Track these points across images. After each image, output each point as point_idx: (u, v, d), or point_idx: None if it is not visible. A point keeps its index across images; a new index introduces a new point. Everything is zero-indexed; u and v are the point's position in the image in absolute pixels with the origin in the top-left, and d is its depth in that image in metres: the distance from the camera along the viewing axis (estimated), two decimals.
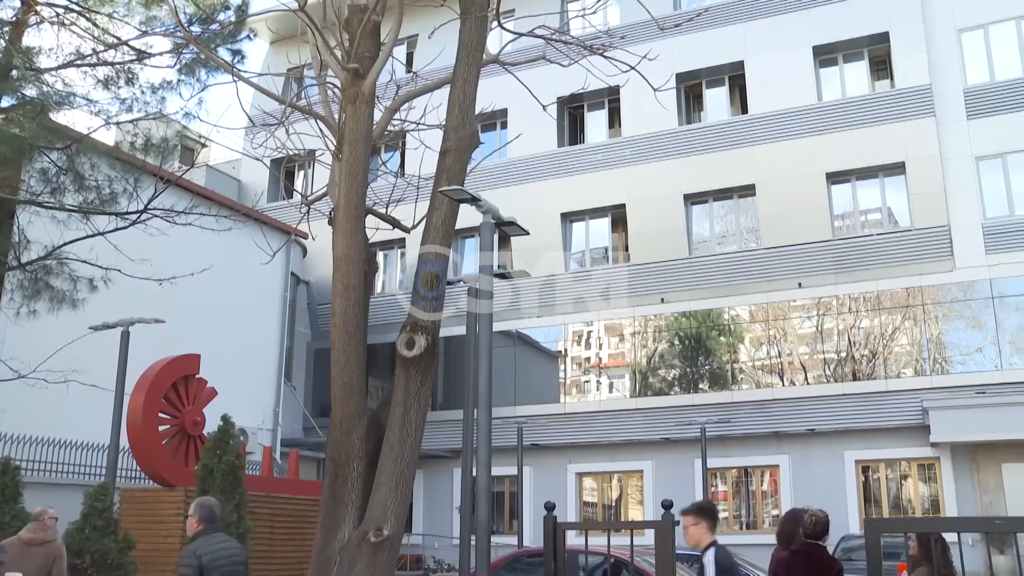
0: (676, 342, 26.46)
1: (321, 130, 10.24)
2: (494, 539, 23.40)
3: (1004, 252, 23.19)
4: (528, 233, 10.22)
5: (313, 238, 16.51)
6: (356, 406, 8.64)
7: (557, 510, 7.11)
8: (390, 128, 10.84)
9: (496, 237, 9.86)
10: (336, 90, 9.77)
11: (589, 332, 27.94)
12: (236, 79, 11.11)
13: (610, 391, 27.43)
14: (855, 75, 26.15)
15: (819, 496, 21.91)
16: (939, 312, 24.07)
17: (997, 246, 23.31)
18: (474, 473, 9.78)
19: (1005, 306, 23.27)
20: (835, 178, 25.13)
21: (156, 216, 15.18)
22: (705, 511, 7.16)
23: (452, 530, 25.60)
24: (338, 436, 8.58)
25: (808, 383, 24.93)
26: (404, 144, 24.69)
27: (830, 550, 19.23)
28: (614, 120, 28.40)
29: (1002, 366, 23.12)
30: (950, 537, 7.35)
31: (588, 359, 28.01)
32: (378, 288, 30.39)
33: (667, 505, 6.89)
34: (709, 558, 6.80)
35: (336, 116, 9.80)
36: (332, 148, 9.65)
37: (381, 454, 8.43)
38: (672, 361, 26.42)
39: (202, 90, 15.36)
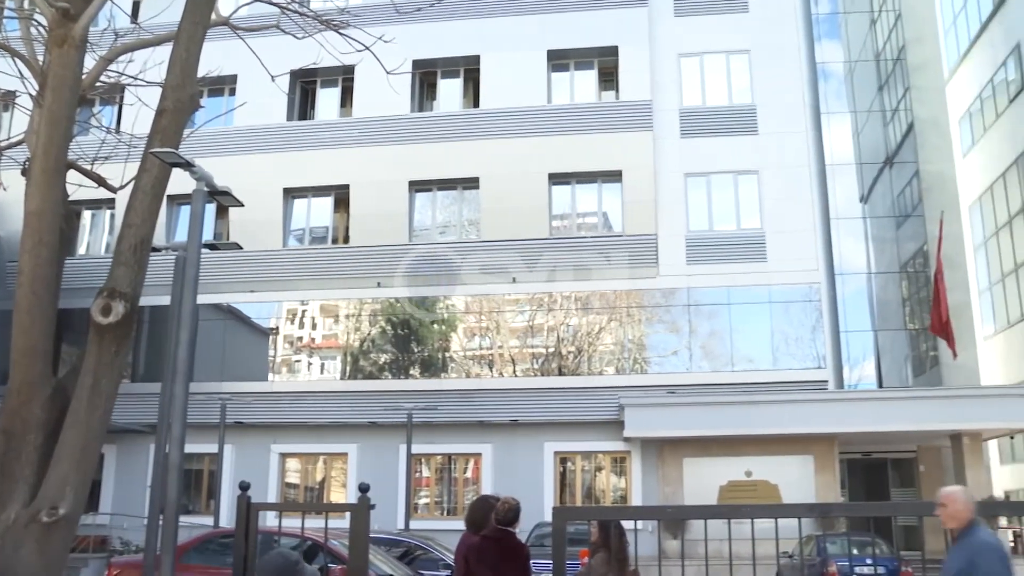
0: (389, 327, 26.50)
1: (20, 70, 9.36)
2: (189, 519, 22.43)
3: (702, 263, 25.03)
4: (242, 205, 9.82)
5: (5, 188, 15.14)
6: (40, 372, 7.94)
7: (259, 491, 6.87)
8: (105, 79, 10.08)
9: (215, 207, 9.40)
10: (42, 28, 8.95)
11: (304, 311, 27.40)
12: None
13: (321, 372, 27.06)
14: (584, 83, 27.26)
15: (519, 484, 22.66)
16: (642, 315, 25.55)
17: (697, 258, 25.09)
18: (167, 449, 9.28)
19: (699, 313, 25.11)
20: (556, 179, 26.07)
21: None
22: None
23: (144, 510, 24.30)
24: (15, 404, 7.85)
25: (516, 375, 25.74)
26: (122, 99, 23.19)
27: (525, 536, 19.91)
28: (347, 99, 28.01)
29: (692, 369, 24.96)
30: (629, 524, 7.74)
31: (301, 338, 27.48)
32: (81, 249, 28.36)
33: (364, 488, 6.81)
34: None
35: (40, 58, 8.98)
36: (33, 92, 8.83)
37: (64, 425, 7.78)
38: (384, 346, 26.43)
39: None
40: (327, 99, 28.34)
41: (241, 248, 17.70)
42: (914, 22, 30.98)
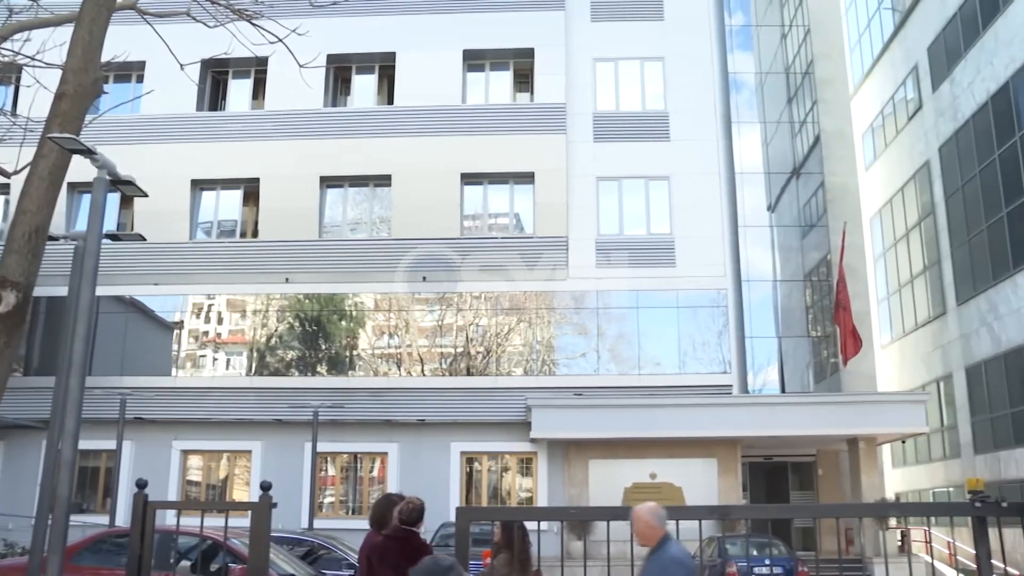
0: (297, 324, 26.14)
1: None
2: (84, 519, 21.83)
3: (612, 267, 25.27)
4: (147, 195, 9.55)
5: None
6: None
7: (159, 489, 6.69)
8: None
9: (119, 197, 9.12)
10: None
11: (210, 305, 26.87)
12: None
13: (226, 368, 26.55)
14: (500, 84, 27.29)
15: (425, 484, 22.60)
16: (551, 317, 25.68)
17: (606, 261, 25.32)
18: (60, 446, 8.97)
19: (608, 316, 25.34)
20: (469, 179, 26.04)
21: None
22: None
23: (34, 509, 23.50)
24: None
25: (424, 375, 25.62)
26: (19, 79, 22.44)
27: (430, 536, 19.81)
28: (259, 91, 27.53)
29: (599, 371, 25.17)
30: (533, 525, 7.74)
31: (206, 333, 26.93)
32: None
33: (266, 487, 6.70)
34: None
35: None
36: None
37: None
38: (291, 342, 26.05)
39: None
40: (239, 90, 27.84)
41: (144, 239, 17.25)
42: (822, 38, 31.73)
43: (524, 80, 27.39)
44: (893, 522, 23.76)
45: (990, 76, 25.56)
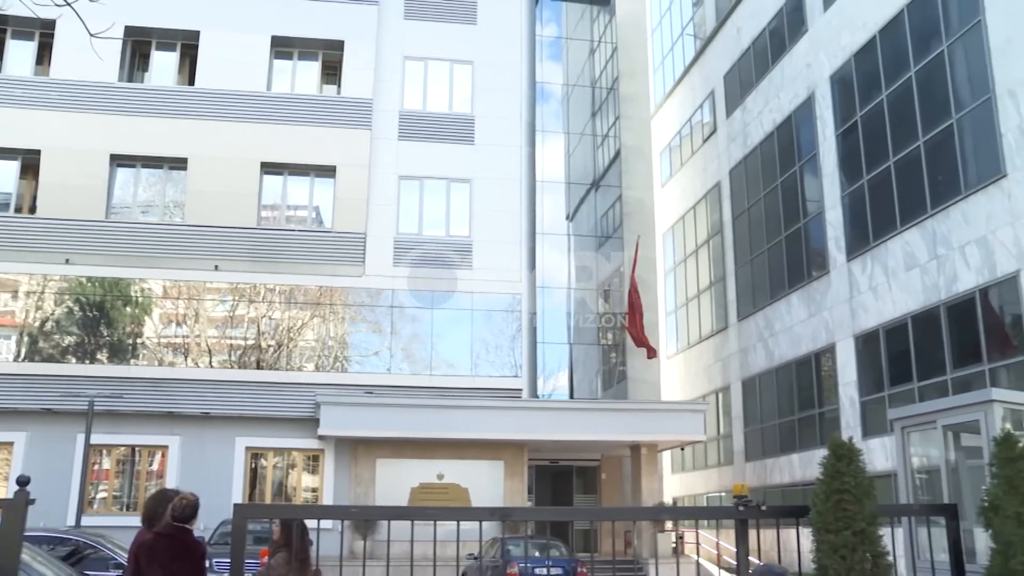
0: (77, 307, 24.73)
1: None
2: None
3: (409, 266, 25.23)
4: None
5: None
6: None
7: None
8: None
9: None
10: None
11: None
12: None
13: None
14: (307, 74, 26.79)
15: (207, 479, 21.92)
16: (347, 314, 25.37)
17: (403, 260, 25.25)
18: None
19: (403, 316, 25.28)
20: (269, 168, 25.41)
21: None
22: None
23: None
24: None
25: (212, 366, 24.76)
26: None
27: (209, 535, 19.19)
28: (44, 57, 25.85)
29: (392, 370, 25.07)
30: (314, 524, 7.59)
31: None
32: None
33: (23, 482, 6.21)
34: None
35: None
36: None
37: None
38: (69, 327, 24.60)
39: None
40: (19, 52, 25.93)
41: None
42: (628, 56, 32.82)
43: (332, 72, 26.96)
44: (669, 525, 24.75)
45: (776, 108, 27.07)
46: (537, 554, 19.06)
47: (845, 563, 6.45)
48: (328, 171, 25.49)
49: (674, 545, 24.40)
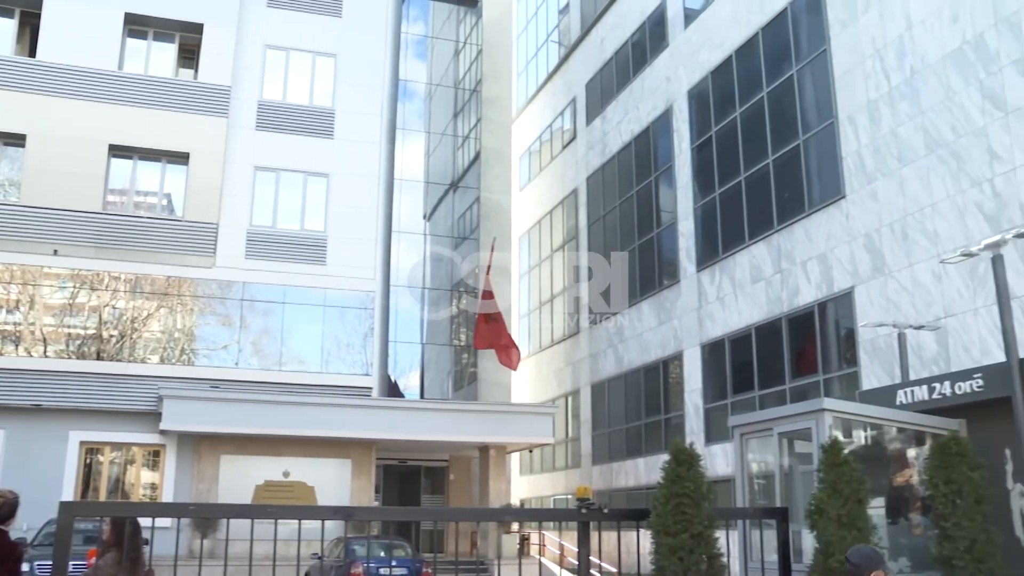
0: None
1: None
2: None
3: (261, 259, 24.68)
4: None
5: None
6: None
7: None
8: None
9: None
10: None
11: None
12: None
13: None
14: (163, 56, 25.86)
15: (36, 476, 20.97)
16: (195, 305, 24.64)
17: (256, 253, 24.69)
18: None
19: (253, 309, 24.72)
20: (118, 152, 24.43)
21: None
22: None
23: None
24: None
25: (46, 356, 23.62)
26: None
27: (32, 535, 18.29)
28: None
29: (240, 364, 24.48)
30: (148, 522, 7.31)
31: None
32: None
33: None
34: None
35: None
36: None
37: None
38: None
39: None
40: None
41: None
42: (492, 59, 32.97)
43: (189, 56, 26.11)
44: (515, 526, 24.98)
45: (635, 119, 27.70)
46: (381, 554, 18.97)
47: (682, 564, 6.67)
48: (181, 158, 24.68)
49: (519, 546, 24.66)
